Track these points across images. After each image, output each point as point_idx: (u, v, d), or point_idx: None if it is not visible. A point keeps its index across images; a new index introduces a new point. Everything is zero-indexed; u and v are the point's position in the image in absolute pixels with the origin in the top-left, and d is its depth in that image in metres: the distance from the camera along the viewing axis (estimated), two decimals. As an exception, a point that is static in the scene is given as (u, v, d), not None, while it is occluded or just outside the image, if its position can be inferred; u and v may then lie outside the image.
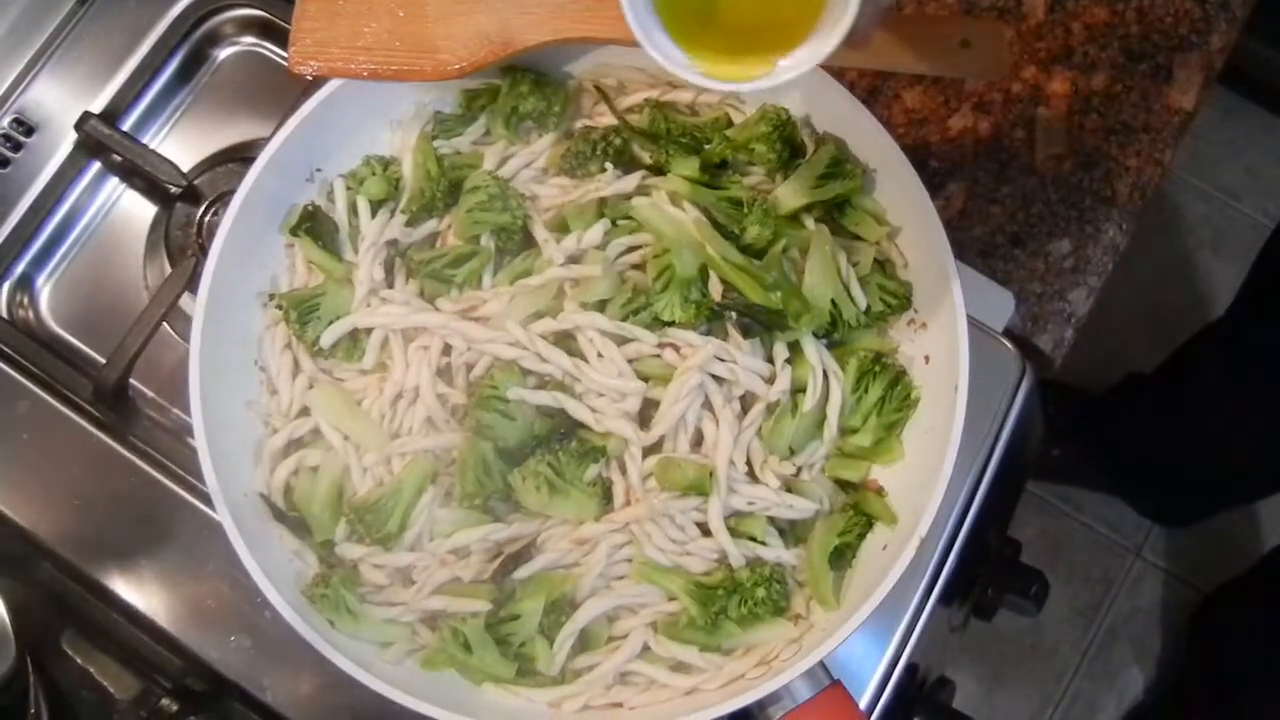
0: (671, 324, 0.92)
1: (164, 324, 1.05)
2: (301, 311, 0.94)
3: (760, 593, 0.89)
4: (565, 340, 0.92)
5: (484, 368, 0.92)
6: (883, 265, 0.97)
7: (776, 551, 0.91)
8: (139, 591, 1.02)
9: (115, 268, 1.12)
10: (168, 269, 1.09)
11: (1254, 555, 2.17)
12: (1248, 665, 2.08)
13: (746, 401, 0.93)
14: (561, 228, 0.96)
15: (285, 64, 0.97)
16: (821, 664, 0.87)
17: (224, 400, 0.93)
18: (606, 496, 0.91)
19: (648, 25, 0.74)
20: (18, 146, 1.13)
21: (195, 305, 0.91)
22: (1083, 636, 2.37)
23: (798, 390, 0.92)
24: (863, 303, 0.95)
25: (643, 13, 0.74)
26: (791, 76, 0.72)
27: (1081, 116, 1.16)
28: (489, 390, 0.89)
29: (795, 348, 0.93)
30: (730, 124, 0.99)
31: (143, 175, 1.11)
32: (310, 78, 0.93)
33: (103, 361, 1.05)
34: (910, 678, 1.03)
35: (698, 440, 0.92)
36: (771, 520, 0.92)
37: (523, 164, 0.99)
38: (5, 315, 1.10)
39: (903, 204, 0.95)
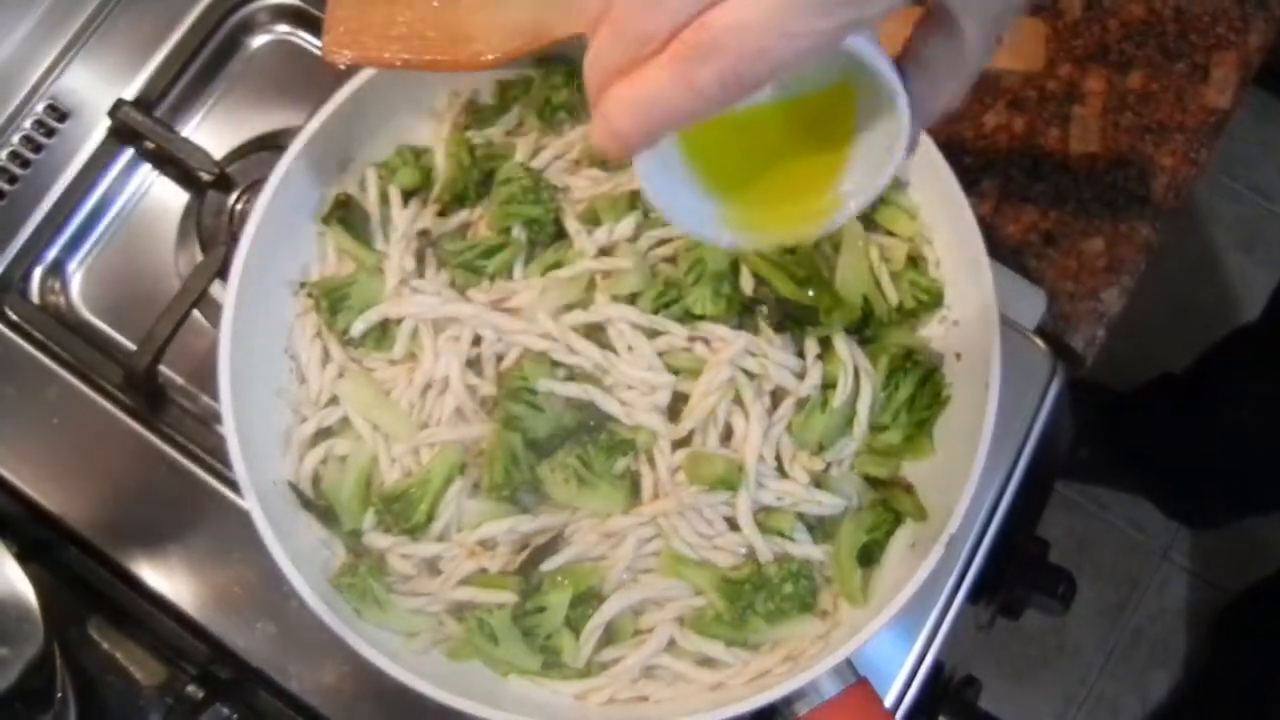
0: (703, 318, 0.91)
1: (194, 311, 1.05)
2: (332, 300, 0.95)
3: (788, 588, 0.88)
4: (596, 333, 0.92)
5: (514, 359, 0.92)
6: (915, 262, 0.96)
7: (804, 547, 0.91)
8: (166, 578, 1.02)
9: (147, 254, 1.12)
10: (199, 256, 1.10)
11: (1281, 558, 2.16)
12: (1273, 668, 2.07)
13: (777, 396, 0.92)
14: (593, 220, 0.96)
15: (318, 53, 0.97)
16: (848, 661, 0.86)
17: (253, 388, 0.93)
18: (635, 490, 0.91)
19: (673, 189, 0.61)
20: (51, 132, 1.13)
21: (226, 293, 0.92)
22: (1108, 637, 2.37)
23: (828, 386, 0.92)
24: (895, 299, 0.94)
25: (665, 174, 0.61)
26: (862, 203, 0.64)
27: (1117, 115, 1.15)
28: (519, 382, 0.89)
29: (826, 343, 0.93)
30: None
31: (175, 162, 1.12)
32: (343, 67, 0.93)
33: (133, 348, 1.05)
34: (936, 676, 1.02)
35: (727, 435, 0.91)
36: (800, 516, 0.91)
37: (555, 155, 0.99)
38: (37, 301, 1.10)
39: (936, 200, 0.95)
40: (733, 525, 0.91)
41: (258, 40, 1.18)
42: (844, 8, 0.47)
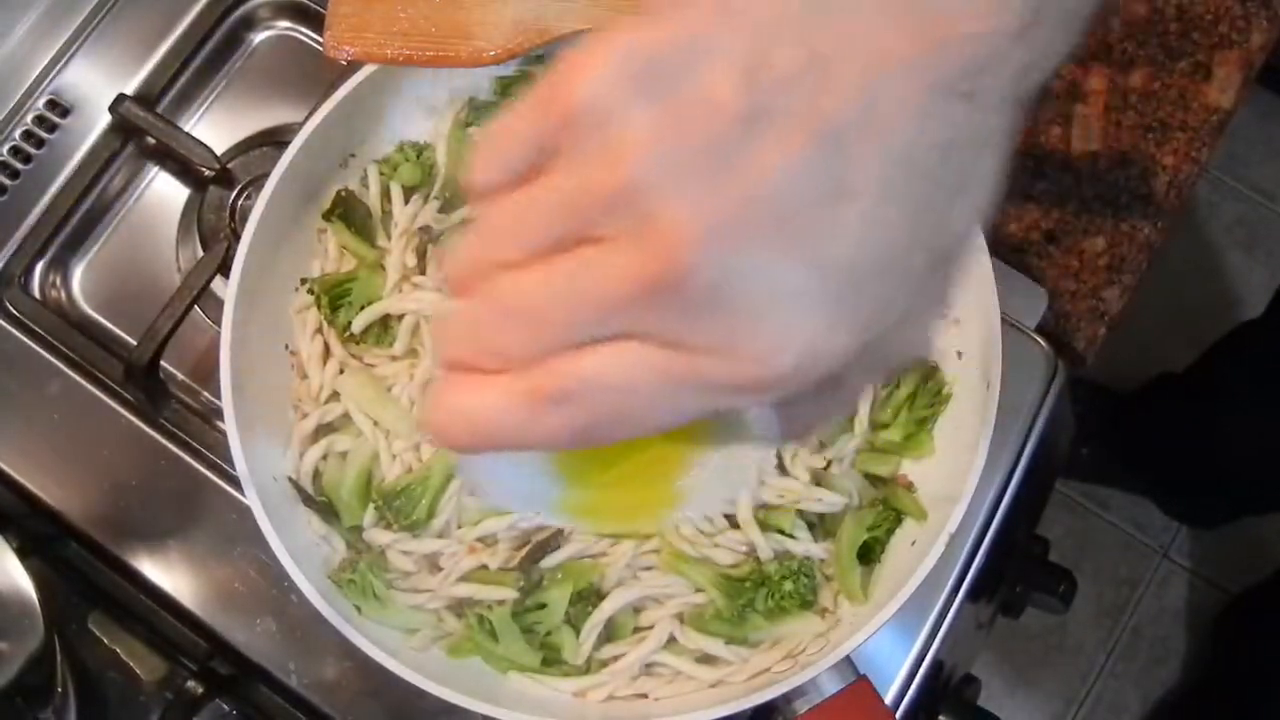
0: (704, 314, 0.91)
1: (195, 307, 1.05)
2: (333, 297, 0.94)
3: (788, 586, 0.88)
4: (596, 329, 0.92)
5: (515, 356, 0.92)
6: (916, 260, 0.96)
7: (805, 545, 0.90)
8: (166, 574, 1.02)
9: (148, 250, 1.12)
10: (200, 252, 1.10)
11: (1281, 558, 2.16)
12: (1272, 668, 2.07)
13: (777, 394, 0.92)
14: (594, 217, 0.95)
15: (320, 48, 0.97)
16: (848, 659, 0.86)
17: (254, 384, 0.93)
18: (636, 487, 0.91)
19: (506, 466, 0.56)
20: (53, 128, 1.13)
21: (227, 289, 0.91)
22: (1108, 636, 2.37)
23: (829, 383, 0.92)
24: (896, 297, 0.94)
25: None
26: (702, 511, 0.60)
27: (1119, 114, 1.15)
28: (519, 378, 0.89)
29: (827, 341, 0.93)
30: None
31: (176, 158, 1.12)
32: (345, 63, 0.93)
33: (134, 343, 1.05)
34: (936, 674, 1.02)
35: (728, 432, 0.91)
36: (800, 513, 0.91)
37: (556, 152, 0.98)
38: (38, 296, 1.10)
39: (938, 198, 0.94)
40: (733, 523, 0.90)
41: (259, 36, 1.18)
42: (726, 395, 0.42)
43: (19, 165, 1.12)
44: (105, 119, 1.13)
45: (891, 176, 0.40)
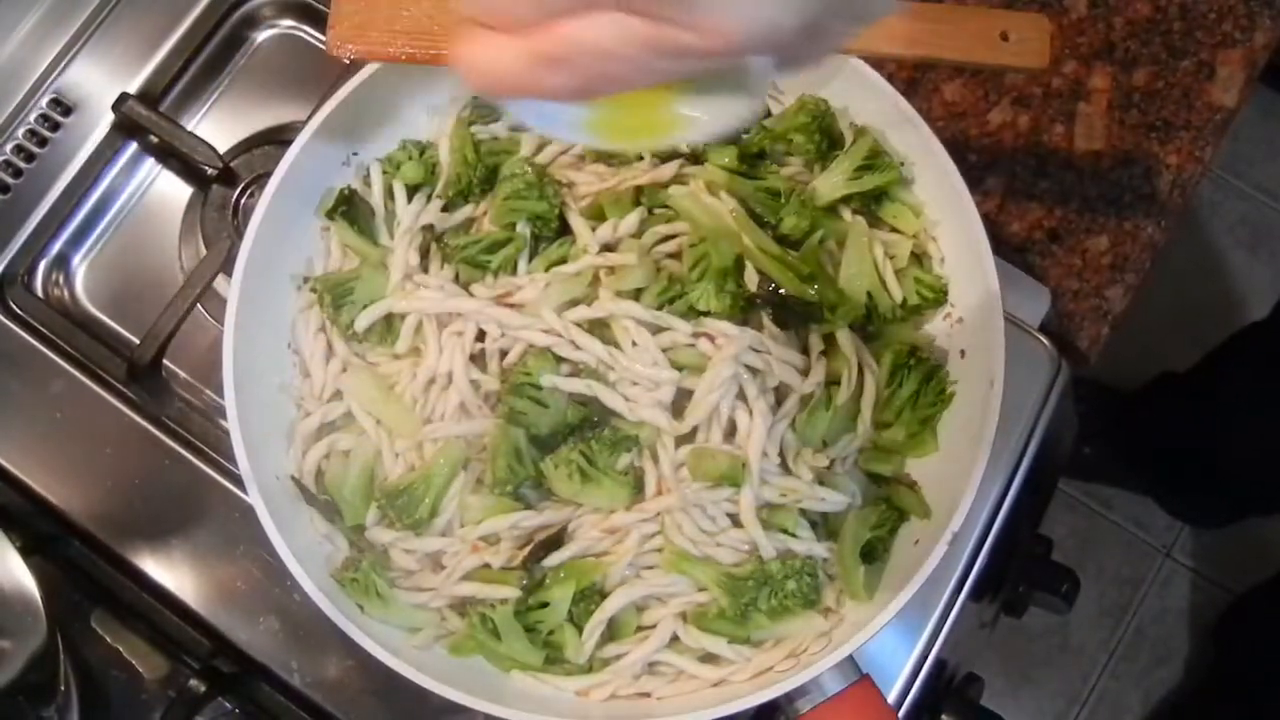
0: (707, 314, 0.91)
1: (198, 305, 1.05)
2: (336, 295, 0.94)
3: (790, 585, 0.88)
4: (600, 328, 0.92)
5: (517, 354, 0.92)
6: (919, 259, 0.96)
7: (808, 544, 0.90)
8: (169, 572, 1.02)
9: (150, 249, 1.12)
10: (203, 250, 1.10)
11: (1284, 558, 2.16)
12: (1275, 668, 2.07)
13: (780, 393, 0.92)
14: (598, 215, 0.96)
15: (323, 47, 0.97)
16: (851, 658, 0.86)
17: (257, 383, 0.93)
18: (638, 485, 0.91)
19: None
20: (56, 126, 1.13)
21: (230, 287, 0.92)
22: (1110, 636, 2.37)
23: (832, 382, 0.92)
24: (899, 296, 0.94)
25: None
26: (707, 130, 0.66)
27: (1122, 112, 1.15)
28: (522, 377, 0.89)
29: (830, 340, 0.93)
30: (769, 114, 0.99)
31: (179, 157, 1.12)
32: (348, 61, 0.93)
33: (136, 342, 1.05)
34: (939, 673, 1.02)
35: (731, 431, 0.91)
36: (803, 512, 0.91)
37: (559, 150, 0.98)
38: (41, 294, 1.10)
39: (941, 197, 0.95)
40: (736, 522, 0.90)
41: (262, 35, 1.18)
42: (694, 61, 0.48)
43: (22, 164, 1.12)
44: (108, 118, 1.13)
45: None
